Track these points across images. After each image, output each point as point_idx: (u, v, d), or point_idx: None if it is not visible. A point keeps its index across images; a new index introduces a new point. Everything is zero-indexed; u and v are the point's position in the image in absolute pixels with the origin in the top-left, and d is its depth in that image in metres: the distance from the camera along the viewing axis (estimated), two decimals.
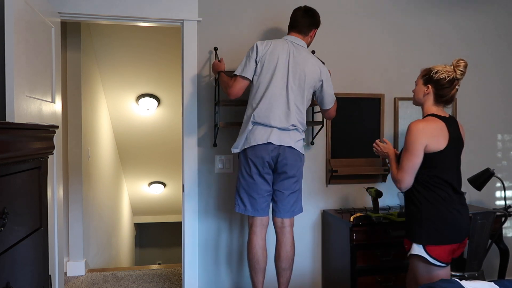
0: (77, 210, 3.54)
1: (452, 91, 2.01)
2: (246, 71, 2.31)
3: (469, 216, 2.07)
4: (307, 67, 2.31)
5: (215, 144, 2.77)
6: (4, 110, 1.90)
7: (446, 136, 1.97)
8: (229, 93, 2.35)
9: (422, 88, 2.06)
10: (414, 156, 1.96)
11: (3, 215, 1.23)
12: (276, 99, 2.26)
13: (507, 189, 3.26)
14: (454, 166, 2.03)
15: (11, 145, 1.29)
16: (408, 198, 2.08)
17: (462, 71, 2.01)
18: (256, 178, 2.27)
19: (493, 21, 3.23)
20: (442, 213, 1.96)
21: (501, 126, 3.27)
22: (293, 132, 2.29)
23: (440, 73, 2.00)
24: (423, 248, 1.97)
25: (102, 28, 3.97)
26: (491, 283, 1.65)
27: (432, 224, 1.96)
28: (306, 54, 2.36)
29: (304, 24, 2.40)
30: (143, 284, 3.31)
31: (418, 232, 1.99)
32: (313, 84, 2.35)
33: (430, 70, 2.05)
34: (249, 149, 2.27)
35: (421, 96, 2.07)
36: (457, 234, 1.98)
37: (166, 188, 6.37)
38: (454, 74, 2.00)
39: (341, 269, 2.66)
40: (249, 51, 2.34)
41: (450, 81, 1.99)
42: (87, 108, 3.78)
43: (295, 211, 2.36)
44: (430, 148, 1.95)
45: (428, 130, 1.96)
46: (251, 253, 2.34)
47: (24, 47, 2.03)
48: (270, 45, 2.31)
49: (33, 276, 1.52)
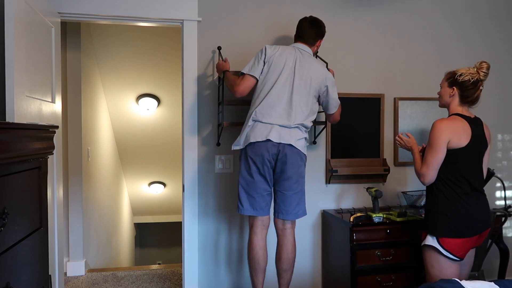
0: (77, 210, 3.54)
1: (477, 92, 2.11)
2: (254, 70, 2.35)
3: (488, 212, 2.14)
4: (313, 72, 2.35)
5: (218, 144, 2.77)
6: (4, 110, 1.90)
7: (469, 134, 2.06)
8: (235, 91, 2.36)
9: (448, 90, 2.15)
10: (437, 152, 2.05)
11: (3, 215, 1.23)
12: (279, 98, 2.27)
13: (507, 189, 3.26)
14: (475, 164, 2.11)
15: (11, 145, 1.29)
16: (428, 192, 2.18)
17: (485, 72, 2.10)
18: (255, 177, 2.27)
19: (493, 21, 3.22)
20: (457, 209, 2.05)
21: (501, 126, 3.27)
22: (294, 129, 2.27)
23: (465, 76, 2.10)
24: (436, 240, 2.07)
25: (102, 28, 3.98)
26: (491, 283, 1.65)
27: (446, 218, 2.05)
28: (312, 60, 2.42)
29: (311, 35, 2.46)
30: (143, 284, 3.31)
31: (433, 225, 2.09)
32: (318, 89, 2.37)
33: (454, 73, 2.14)
34: (248, 146, 2.26)
35: (447, 98, 2.17)
36: (471, 228, 2.05)
37: (166, 188, 6.37)
38: (478, 76, 2.09)
39: (341, 269, 2.66)
40: (258, 53, 2.40)
41: (474, 83, 2.09)
42: (87, 108, 3.78)
43: (298, 214, 2.33)
44: (451, 144, 2.04)
45: (450, 127, 2.06)
46: (252, 253, 2.33)
47: (24, 47, 2.03)
48: (278, 49, 2.38)
49: (33, 276, 1.52)
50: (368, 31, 3.01)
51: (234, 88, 2.37)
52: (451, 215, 2.05)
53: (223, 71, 2.54)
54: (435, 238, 2.07)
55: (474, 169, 2.10)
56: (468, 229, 2.04)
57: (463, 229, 2.03)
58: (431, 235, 2.09)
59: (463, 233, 2.04)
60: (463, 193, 2.06)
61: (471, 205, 2.06)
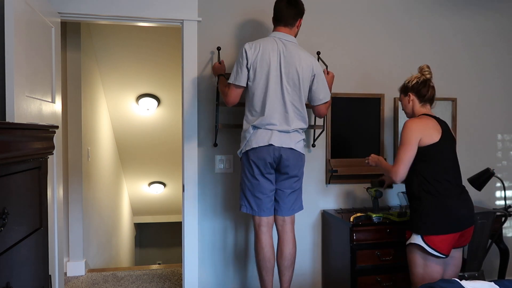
0: (77, 210, 3.54)
1: (429, 89, 2.26)
2: (239, 79, 2.28)
3: (471, 208, 2.19)
4: (299, 65, 2.28)
5: (215, 144, 2.77)
6: (4, 110, 1.90)
7: (439, 130, 2.16)
8: (226, 101, 2.37)
9: (406, 99, 2.32)
10: (408, 149, 2.14)
11: (3, 215, 1.23)
12: (274, 104, 2.26)
13: (507, 189, 3.26)
14: (451, 159, 2.19)
15: (11, 145, 1.29)
16: (411, 192, 2.23)
17: (428, 70, 2.29)
18: (259, 179, 2.30)
19: (494, 22, 3.23)
20: (439, 206, 2.10)
21: (501, 126, 3.27)
22: (293, 134, 2.31)
23: (412, 80, 2.28)
24: (421, 238, 2.10)
25: (102, 28, 3.97)
26: (491, 283, 1.66)
27: (431, 215, 2.10)
28: (296, 50, 2.31)
29: (290, 15, 2.32)
30: (143, 284, 3.31)
31: (417, 224, 2.14)
32: (307, 79, 2.33)
33: (403, 83, 2.34)
34: (251, 151, 2.28)
35: (408, 106, 2.31)
36: (455, 224, 2.10)
37: (166, 188, 6.37)
38: (423, 77, 2.27)
39: (341, 269, 2.66)
40: (238, 57, 2.30)
41: (423, 82, 2.26)
42: (87, 108, 3.78)
43: (295, 209, 2.39)
44: (424, 140, 2.13)
45: (421, 125, 2.17)
46: (261, 253, 2.34)
47: (24, 47, 2.03)
48: (259, 48, 2.26)
49: (33, 276, 1.52)
50: (369, 31, 3.01)
51: (225, 99, 2.37)
52: (434, 212, 2.10)
53: (218, 74, 2.53)
54: (419, 236, 2.11)
55: (450, 164, 2.18)
56: (451, 225, 2.09)
57: (446, 226, 2.09)
58: (416, 234, 2.13)
59: (447, 230, 2.09)
60: (444, 189, 2.12)
61: (453, 202, 2.12)
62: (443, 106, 3.07)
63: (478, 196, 3.18)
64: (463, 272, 2.52)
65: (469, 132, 3.19)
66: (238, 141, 2.47)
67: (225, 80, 2.45)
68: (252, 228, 2.85)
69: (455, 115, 3.13)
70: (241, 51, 2.28)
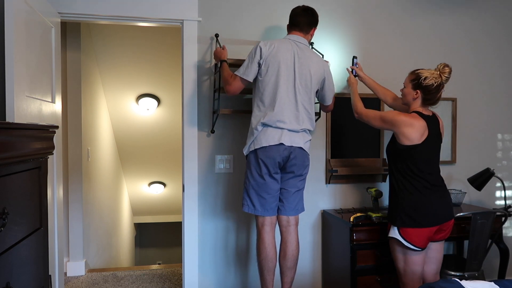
0: (77, 210, 3.54)
1: (438, 94, 2.18)
2: (248, 74, 2.31)
3: (449, 203, 2.24)
4: (312, 67, 2.34)
5: (212, 131, 2.75)
6: (4, 110, 1.90)
7: (425, 132, 2.15)
8: (227, 90, 2.38)
9: (411, 92, 2.22)
10: (381, 120, 2.27)
11: (3, 215, 1.23)
12: (285, 102, 2.27)
13: (507, 189, 3.26)
14: (433, 160, 2.22)
15: (11, 145, 1.29)
16: (391, 186, 2.29)
17: (447, 77, 2.17)
18: (266, 179, 2.29)
19: (498, 21, 3.22)
20: (416, 201, 2.16)
21: (501, 126, 3.27)
22: (302, 133, 2.33)
23: (429, 80, 2.14)
24: (397, 230, 2.18)
25: (102, 28, 3.97)
26: (491, 283, 1.66)
27: (406, 209, 2.17)
28: (309, 53, 2.38)
29: (305, 22, 2.42)
30: (143, 284, 3.31)
31: (394, 216, 2.22)
32: (317, 83, 2.39)
33: (418, 75, 2.18)
34: (260, 150, 2.27)
35: (410, 99, 2.24)
36: (429, 219, 2.15)
37: (166, 188, 6.37)
38: (440, 80, 2.15)
39: (341, 269, 2.66)
40: (251, 52, 2.33)
41: (437, 87, 2.15)
42: (87, 108, 3.78)
43: (298, 209, 2.40)
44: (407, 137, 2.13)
45: (407, 120, 2.14)
46: (264, 252, 2.34)
47: (24, 47, 2.03)
48: (274, 46, 2.30)
49: (33, 276, 1.52)
50: (368, 31, 3.01)
51: (226, 87, 2.39)
52: (411, 206, 2.16)
53: (221, 60, 2.53)
54: (395, 229, 2.19)
55: (431, 165, 2.20)
56: (426, 219, 2.14)
57: (420, 220, 2.14)
58: (393, 226, 2.21)
59: (421, 224, 2.14)
60: (422, 187, 2.17)
61: (430, 198, 2.17)
62: (443, 106, 3.07)
63: (478, 196, 3.19)
64: (463, 272, 2.52)
65: (469, 132, 3.19)
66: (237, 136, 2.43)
67: (227, 70, 2.44)
68: (252, 228, 2.85)
69: (455, 115, 3.13)
70: (255, 46, 2.32)
